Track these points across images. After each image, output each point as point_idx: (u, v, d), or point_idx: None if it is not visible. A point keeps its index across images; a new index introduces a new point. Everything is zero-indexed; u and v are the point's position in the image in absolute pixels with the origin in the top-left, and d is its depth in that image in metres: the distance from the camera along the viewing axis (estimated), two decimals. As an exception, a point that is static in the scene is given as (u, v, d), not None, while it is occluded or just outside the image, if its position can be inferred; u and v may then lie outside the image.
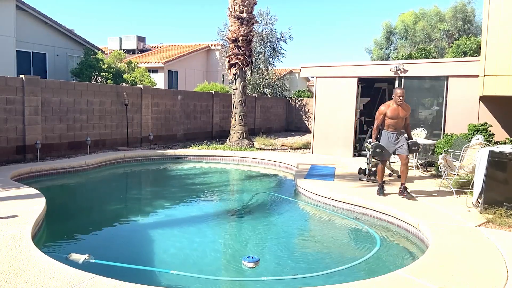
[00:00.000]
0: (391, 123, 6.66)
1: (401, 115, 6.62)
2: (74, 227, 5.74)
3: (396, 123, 6.64)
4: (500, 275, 3.65)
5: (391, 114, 6.62)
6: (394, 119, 6.61)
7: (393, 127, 6.68)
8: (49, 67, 17.47)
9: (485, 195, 5.65)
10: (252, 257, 4.27)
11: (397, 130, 6.68)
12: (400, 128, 6.72)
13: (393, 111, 6.62)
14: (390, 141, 6.69)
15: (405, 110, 6.66)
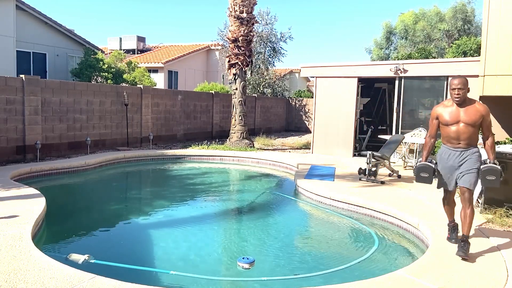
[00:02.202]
0: (448, 133, 4.30)
1: (465, 120, 4.18)
2: (74, 227, 5.74)
3: (457, 132, 4.24)
4: (500, 275, 3.65)
5: (448, 118, 4.27)
6: (453, 125, 4.25)
7: (453, 139, 4.28)
8: (49, 67, 17.47)
9: (485, 195, 5.66)
10: (248, 258, 4.26)
11: (462, 145, 4.24)
12: (468, 141, 4.22)
13: (451, 113, 4.26)
14: (448, 162, 4.32)
15: (471, 113, 4.17)
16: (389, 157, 8.21)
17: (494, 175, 4.10)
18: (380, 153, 8.03)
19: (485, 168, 4.11)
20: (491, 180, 4.11)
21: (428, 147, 4.56)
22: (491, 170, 4.10)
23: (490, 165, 4.12)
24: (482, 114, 4.16)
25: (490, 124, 4.24)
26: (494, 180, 4.11)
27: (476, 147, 4.25)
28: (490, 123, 4.24)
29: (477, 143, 4.28)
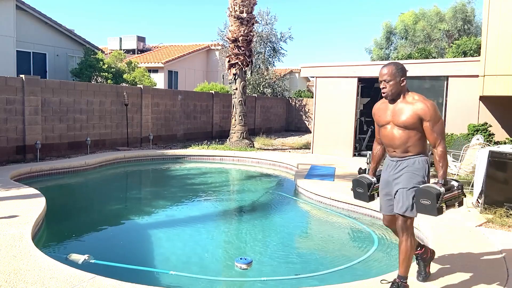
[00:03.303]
0: (382, 137, 3.35)
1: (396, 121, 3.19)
2: (74, 227, 5.74)
3: (388, 137, 3.26)
4: (500, 275, 3.65)
5: (379, 118, 3.34)
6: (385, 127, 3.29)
7: (387, 146, 3.32)
8: (49, 67, 17.47)
9: (485, 195, 5.65)
10: (245, 258, 4.26)
11: (397, 153, 3.23)
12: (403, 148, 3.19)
13: (383, 112, 3.30)
14: (384, 175, 3.43)
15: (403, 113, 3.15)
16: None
17: (429, 199, 2.95)
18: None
19: (419, 188, 3.04)
20: (426, 205, 2.97)
21: (373, 155, 3.57)
22: (424, 192, 2.98)
23: (426, 185, 3.02)
24: (418, 114, 3.08)
25: (437, 127, 3.08)
26: (429, 205, 2.95)
27: (419, 156, 3.15)
28: (437, 126, 3.08)
29: (423, 150, 3.17)
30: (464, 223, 5.21)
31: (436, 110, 3.11)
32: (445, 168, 3.07)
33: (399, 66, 3.18)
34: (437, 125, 3.09)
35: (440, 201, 2.93)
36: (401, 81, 3.15)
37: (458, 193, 3.11)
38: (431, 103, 3.12)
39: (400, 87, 3.16)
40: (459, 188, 3.12)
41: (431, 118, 3.07)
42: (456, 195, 3.10)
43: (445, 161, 3.10)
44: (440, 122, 3.12)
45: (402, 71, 3.16)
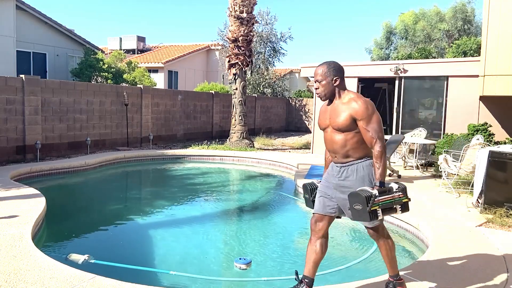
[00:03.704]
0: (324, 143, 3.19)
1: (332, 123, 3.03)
2: (74, 227, 5.74)
3: (329, 142, 3.10)
4: (500, 275, 3.65)
5: (319, 121, 3.19)
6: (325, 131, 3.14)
7: (329, 150, 3.15)
8: (49, 67, 17.47)
9: (485, 195, 5.65)
10: (244, 258, 4.26)
11: (339, 158, 3.05)
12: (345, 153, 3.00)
13: (323, 114, 3.16)
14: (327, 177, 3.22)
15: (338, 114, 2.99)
16: (389, 157, 8.21)
17: (359, 203, 2.76)
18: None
19: (350, 193, 2.87)
20: (358, 210, 2.79)
21: (324, 161, 3.37)
22: (355, 196, 2.81)
23: (358, 189, 2.85)
24: (350, 114, 2.90)
25: (371, 125, 2.87)
26: (361, 210, 2.76)
27: (362, 160, 2.97)
28: (371, 124, 2.87)
29: (365, 153, 2.97)
30: (464, 223, 5.21)
31: (368, 107, 2.90)
32: (381, 170, 2.85)
33: (332, 65, 3.04)
34: (370, 123, 2.88)
35: (371, 204, 2.72)
36: (334, 80, 3.00)
37: (397, 196, 2.85)
38: (363, 100, 2.93)
39: (333, 87, 3.01)
40: (399, 190, 2.86)
41: (363, 117, 2.88)
42: (393, 198, 2.83)
43: (382, 162, 2.85)
44: (374, 120, 2.90)
45: (335, 70, 3.02)
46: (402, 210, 2.88)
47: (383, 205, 2.79)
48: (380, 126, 2.91)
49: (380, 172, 2.86)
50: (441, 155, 7.31)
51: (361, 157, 2.97)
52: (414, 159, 9.59)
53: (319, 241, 3.32)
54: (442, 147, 9.01)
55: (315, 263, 3.30)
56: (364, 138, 2.92)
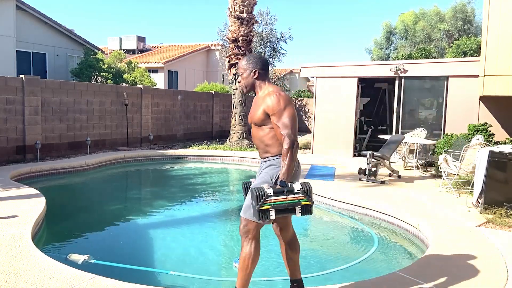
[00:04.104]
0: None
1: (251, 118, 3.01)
2: (74, 227, 5.74)
3: (252, 136, 3.04)
4: (500, 275, 3.65)
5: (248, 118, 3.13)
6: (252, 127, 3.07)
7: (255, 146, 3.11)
8: (49, 67, 17.47)
9: (485, 195, 5.65)
10: None
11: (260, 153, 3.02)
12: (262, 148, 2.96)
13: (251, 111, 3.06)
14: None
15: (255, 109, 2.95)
16: (389, 157, 8.21)
17: (253, 200, 2.63)
18: (380, 153, 8.03)
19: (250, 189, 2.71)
20: (253, 207, 2.65)
21: None
22: (251, 192, 2.66)
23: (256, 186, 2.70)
24: (263, 109, 2.81)
25: (281, 120, 2.73)
26: (254, 208, 2.63)
27: (276, 157, 2.84)
28: (281, 119, 2.73)
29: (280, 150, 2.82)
30: (464, 223, 5.21)
31: (280, 102, 2.75)
32: (285, 169, 2.66)
33: (252, 58, 2.97)
34: (281, 119, 2.73)
35: (261, 203, 2.57)
36: (253, 73, 2.92)
37: (296, 198, 2.64)
38: (277, 94, 2.79)
39: (252, 80, 2.95)
40: (301, 192, 2.65)
41: (274, 111, 2.76)
42: (287, 200, 2.62)
43: (288, 160, 2.66)
44: (285, 115, 2.73)
45: (254, 62, 2.94)
46: (302, 213, 2.65)
47: (276, 206, 2.60)
48: (292, 122, 2.73)
49: (283, 171, 2.67)
50: (441, 155, 7.31)
51: (278, 153, 2.83)
52: (414, 159, 9.60)
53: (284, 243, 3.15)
54: (442, 147, 9.01)
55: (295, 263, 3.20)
56: (276, 134, 2.80)
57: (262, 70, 2.95)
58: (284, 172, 2.67)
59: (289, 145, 2.68)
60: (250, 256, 2.82)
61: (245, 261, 2.83)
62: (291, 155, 2.66)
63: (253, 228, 2.83)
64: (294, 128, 2.73)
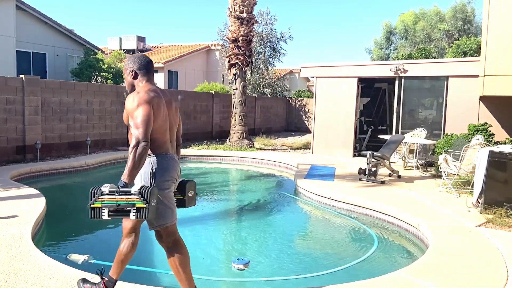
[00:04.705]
0: None
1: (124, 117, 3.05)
2: (74, 227, 5.74)
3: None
4: (500, 275, 3.65)
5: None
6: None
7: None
8: (49, 67, 17.47)
9: (485, 195, 5.65)
10: (242, 259, 4.26)
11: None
12: None
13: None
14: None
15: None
16: (389, 157, 8.21)
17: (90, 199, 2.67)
18: (380, 153, 8.03)
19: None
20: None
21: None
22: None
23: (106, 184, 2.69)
24: (125, 106, 2.81)
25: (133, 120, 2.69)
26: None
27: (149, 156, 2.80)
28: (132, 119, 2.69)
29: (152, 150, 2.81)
30: (464, 223, 5.21)
31: (134, 101, 2.70)
32: (126, 168, 2.59)
33: (131, 58, 2.99)
34: (133, 118, 2.68)
35: (92, 201, 2.59)
36: (131, 73, 2.94)
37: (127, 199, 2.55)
38: (134, 94, 2.76)
39: (131, 80, 2.96)
40: (137, 194, 2.53)
41: (129, 111, 2.73)
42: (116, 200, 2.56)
43: (129, 160, 2.58)
44: (136, 115, 2.66)
45: (133, 62, 2.95)
46: (137, 215, 2.54)
47: (107, 205, 2.57)
48: (142, 120, 2.64)
49: (125, 171, 2.61)
50: (441, 155, 7.31)
51: (149, 153, 2.80)
52: (414, 159, 9.59)
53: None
54: (442, 147, 9.01)
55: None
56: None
57: (139, 70, 2.93)
58: (124, 172, 2.62)
59: (132, 145, 2.61)
60: (123, 253, 2.88)
61: (120, 254, 2.89)
62: (133, 155, 2.58)
63: (129, 224, 2.86)
64: (145, 128, 2.63)
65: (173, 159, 2.93)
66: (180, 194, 3.00)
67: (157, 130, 2.78)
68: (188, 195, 3.06)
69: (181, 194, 3.00)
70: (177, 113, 3.07)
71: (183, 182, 3.06)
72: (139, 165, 2.61)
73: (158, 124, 2.77)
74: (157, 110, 2.76)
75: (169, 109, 2.95)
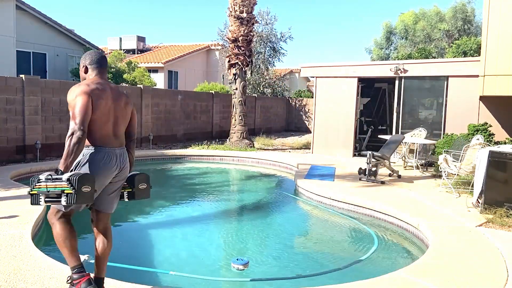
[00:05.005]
0: None
1: None
2: (74, 227, 5.73)
3: None
4: (500, 275, 3.65)
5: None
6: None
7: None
8: (49, 67, 17.47)
9: (485, 195, 5.65)
10: (242, 259, 4.26)
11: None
12: None
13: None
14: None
15: None
16: (389, 157, 8.21)
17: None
18: (380, 153, 8.03)
19: None
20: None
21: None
22: None
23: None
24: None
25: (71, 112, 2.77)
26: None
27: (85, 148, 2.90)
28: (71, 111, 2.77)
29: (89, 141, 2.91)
30: (464, 223, 5.21)
31: (71, 93, 2.80)
32: (63, 157, 2.68)
33: (85, 54, 3.12)
34: (71, 109, 2.76)
35: (31, 188, 2.66)
36: (82, 68, 3.06)
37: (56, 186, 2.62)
38: (73, 87, 2.85)
39: (83, 74, 3.07)
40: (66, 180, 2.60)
41: (68, 103, 2.83)
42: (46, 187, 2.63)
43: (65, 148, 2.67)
44: (74, 106, 2.73)
45: (84, 58, 3.07)
46: (67, 201, 2.62)
47: (40, 192, 2.64)
48: (79, 111, 2.71)
49: (61, 159, 2.68)
50: (441, 155, 7.31)
51: (87, 144, 2.88)
52: (414, 159, 9.59)
53: None
54: (442, 147, 9.01)
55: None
56: None
57: (90, 65, 3.03)
58: (61, 160, 2.71)
59: (68, 134, 2.68)
60: (56, 238, 2.98)
61: (58, 242, 3.01)
62: (68, 144, 2.66)
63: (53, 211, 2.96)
64: (81, 118, 2.70)
65: (111, 153, 2.94)
66: (129, 186, 3.13)
67: (96, 121, 2.83)
68: (138, 188, 3.15)
69: (130, 187, 3.13)
70: (126, 108, 3.11)
71: (133, 175, 3.16)
72: (73, 154, 2.67)
73: (96, 115, 2.81)
74: (97, 102, 2.81)
75: (116, 103, 2.99)
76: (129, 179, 3.14)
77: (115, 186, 3.07)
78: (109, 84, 3.05)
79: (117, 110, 3.00)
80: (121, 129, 3.07)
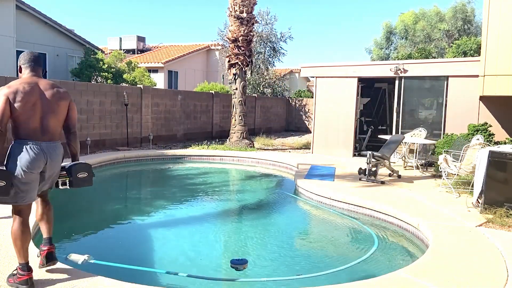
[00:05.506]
0: None
1: None
2: (74, 227, 5.74)
3: None
4: (500, 275, 3.65)
5: None
6: None
7: None
8: (49, 67, 17.46)
9: (485, 195, 5.65)
10: (241, 259, 4.26)
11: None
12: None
13: None
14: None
15: None
16: (389, 157, 8.21)
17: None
18: (380, 153, 8.03)
19: None
20: None
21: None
22: None
23: None
24: None
25: None
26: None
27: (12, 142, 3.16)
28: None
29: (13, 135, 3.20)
30: (464, 223, 5.21)
31: None
32: None
33: (20, 55, 3.28)
34: None
35: None
36: (19, 68, 3.27)
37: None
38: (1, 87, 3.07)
39: (20, 74, 3.28)
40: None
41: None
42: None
43: None
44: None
45: (19, 59, 3.26)
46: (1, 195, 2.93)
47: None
48: None
49: None
50: (441, 155, 7.31)
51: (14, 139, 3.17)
52: (414, 159, 9.59)
53: None
54: (442, 147, 9.01)
55: None
56: None
57: (23, 65, 3.23)
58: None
59: None
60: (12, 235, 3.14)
61: (11, 238, 3.16)
62: None
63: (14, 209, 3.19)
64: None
65: (36, 147, 3.11)
66: (68, 175, 3.33)
67: (18, 117, 3.05)
68: (77, 177, 3.34)
69: (68, 176, 3.33)
70: (59, 103, 3.25)
71: (72, 165, 3.37)
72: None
73: (18, 112, 3.03)
74: (19, 100, 3.01)
75: (45, 99, 3.15)
76: (67, 169, 3.33)
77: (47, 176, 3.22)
78: (41, 81, 3.20)
79: (45, 106, 3.15)
80: (51, 123, 3.22)
